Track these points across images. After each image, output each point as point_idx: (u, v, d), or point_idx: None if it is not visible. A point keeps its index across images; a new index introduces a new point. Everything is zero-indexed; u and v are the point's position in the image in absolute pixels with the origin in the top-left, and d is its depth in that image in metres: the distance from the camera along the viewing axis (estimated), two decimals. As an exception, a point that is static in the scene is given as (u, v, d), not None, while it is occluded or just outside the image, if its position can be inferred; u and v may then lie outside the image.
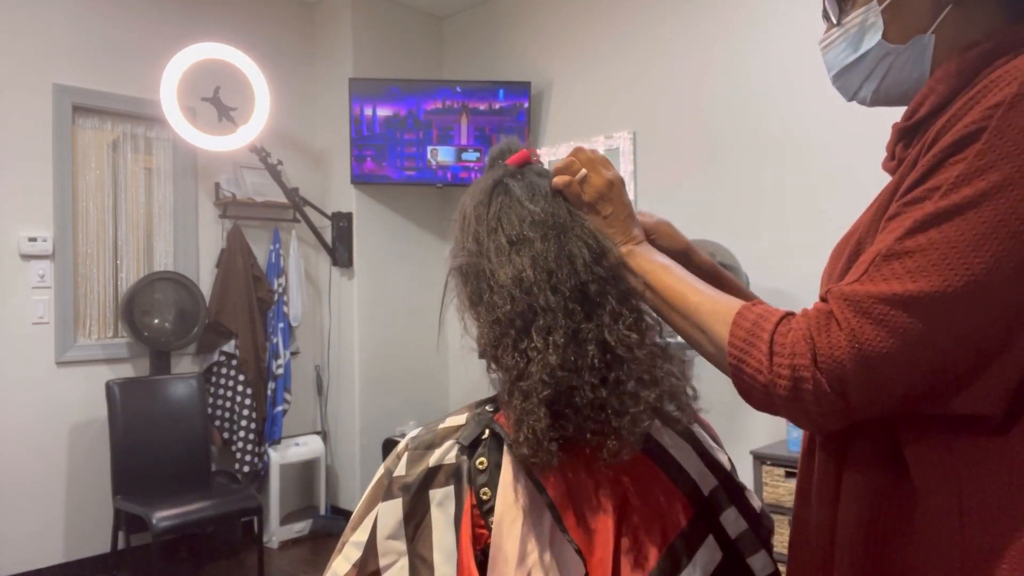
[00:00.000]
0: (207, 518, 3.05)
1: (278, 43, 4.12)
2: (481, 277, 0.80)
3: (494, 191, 0.84)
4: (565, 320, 0.76)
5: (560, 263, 0.78)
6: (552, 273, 0.77)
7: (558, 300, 0.76)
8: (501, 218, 0.81)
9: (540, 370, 0.74)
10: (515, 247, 0.79)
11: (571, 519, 0.75)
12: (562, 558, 0.74)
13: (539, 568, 0.73)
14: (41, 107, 3.32)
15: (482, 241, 0.81)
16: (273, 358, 3.91)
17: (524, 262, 0.78)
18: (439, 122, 3.90)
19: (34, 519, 3.26)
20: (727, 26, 3.22)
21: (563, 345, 0.75)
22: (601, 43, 3.68)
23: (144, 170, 3.71)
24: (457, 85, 3.93)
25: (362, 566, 0.77)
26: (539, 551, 0.73)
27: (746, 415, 3.12)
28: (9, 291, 3.22)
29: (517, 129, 3.85)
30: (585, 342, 0.76)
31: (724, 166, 3.22)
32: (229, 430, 3.73)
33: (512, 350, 0.76)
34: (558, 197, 0.84)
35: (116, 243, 3.60)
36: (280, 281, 3.97)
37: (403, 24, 4.29)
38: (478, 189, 0.86)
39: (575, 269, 0.78)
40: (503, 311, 0.77)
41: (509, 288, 0.77)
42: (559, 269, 0.77)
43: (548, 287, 0.76)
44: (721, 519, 0.82)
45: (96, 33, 3.48)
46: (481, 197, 0.84)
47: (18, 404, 3.23)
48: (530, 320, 0.76)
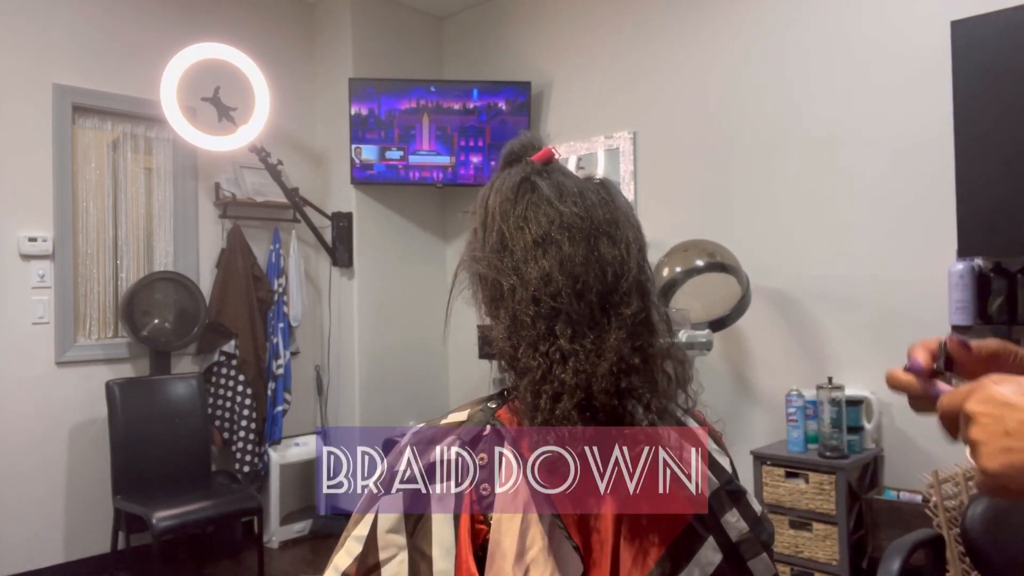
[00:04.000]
0: (207, 518, 3.05)
1: (278, 43, 4.12)
2: (504, 275, 0.79)
3: (520, 188, 0.82)
4: (589, 325, 0.76)
5: (588, 268, 0.77)
6: (578, 278, 0.76)
7: (583, 305, 0.76)
8: (528, 216, 0.79)
9: (571, 375, 0.74)
10: (542, 247, 0.77)
11: (570, 517, 0.76)
12: (560, 555, 0.74)
13: (537, 565, 0.73)
14: (41, 107, 3.32)
15: (507, 239, 0.80)
16: (273, 358, 3.91)
17: (551, 264, 0.77)
18: (451, 122, 3.90)
19: (34, 519, 3.26)
20: (727, 26, 3.22)
21: (590, 350, 0.75)
22: (601, 43, 3.68)
23: (144, 170, 3.71)
24: (468, 85, 3.93)
25: (362, 560, 0.77)
26: (537, 548, 0.74)
27: (745, 415, 3.12)
28: (9, 291, 3.22)
29: (517, 130, 3.85)
30: (608, 350, 0.75)
31: (724, 166, 3.22)
32: (229, 430, 3.73)
33: (534, 352, 0.76)
34: (588, 198, 0.81)
35: (116, 243, 3.60)
36: (280, 281, 3.97)
37: (403, 24, 4.29)
38: (504, 186, 0.83)
39: (603, 276, 0.77)
40: (528, 312, 0.76)
41: (534, 289, 0.76)
42: (586, 274, 0.76)
43: (574, 292, 0.76)
44: (722, 521, 0.81)
45: (96, 33, 3.48)
46: (508, 194, 0.82)
47: (18, 404, 3.23)
48: (553, 323, 0.76)
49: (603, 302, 0.77)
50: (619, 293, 0.77)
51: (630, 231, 0.81)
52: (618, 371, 0.75)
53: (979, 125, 2.36)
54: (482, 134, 3.90)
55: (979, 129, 2.36)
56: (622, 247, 0.79)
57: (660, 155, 3.45)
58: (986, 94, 2.35)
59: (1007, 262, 2.39)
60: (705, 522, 0.80)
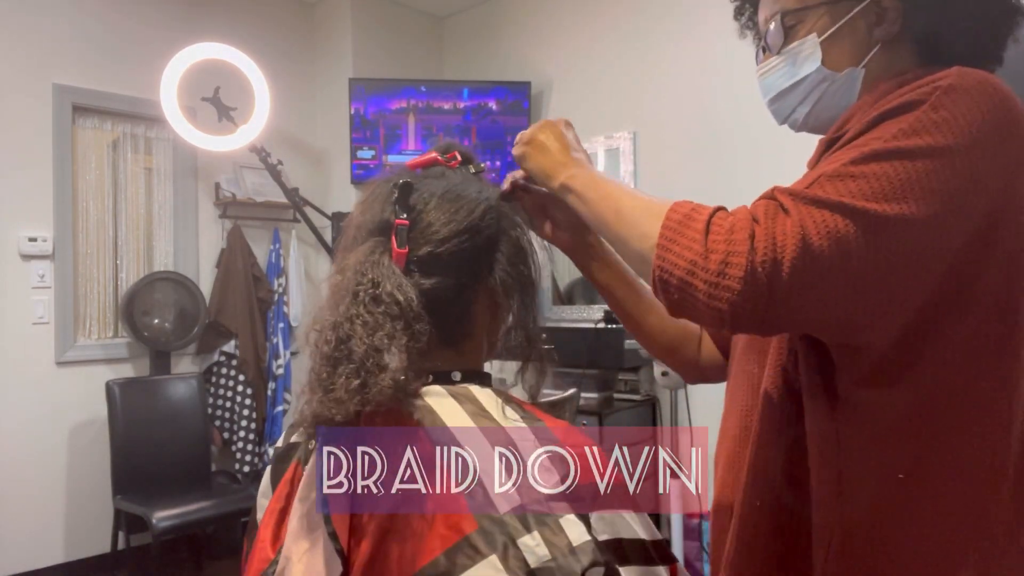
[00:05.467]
0: (207, 518, 3.05)
1: (278, 43, 4.12)
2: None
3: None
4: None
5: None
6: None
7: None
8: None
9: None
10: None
11: (341, 516, 0.76)
12: (325, 551, 0.75)
13: (295, 559, 0.76)
14: (41, 107, 3.32)
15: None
16: (273, 358, 3.91)
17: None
18: (438, 122, 3.90)
19: (34, 519, 3.26)
20: (727, 26, 3.22)
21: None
22: (601, 43, 3.68)
23: (144, 170, 3.71)
24: (458, 85, 3.93)
25: (251, 521, 0.89)
26: (301, 538, 0.77)
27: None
28: (9, 291, 3.22)
29: (507, 129, 3.85)
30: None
31: (724, 166, 3.22)
32: (229, 430, 3.73)
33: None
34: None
35: (116, 243, 3.60)
36: (280, 281, 3.97)
37: (403, 24, 4.29)
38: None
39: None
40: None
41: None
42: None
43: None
44: (519, 543, 0.70)
45: (96, 33, 3.48)
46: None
47: (18, 404, 3.22)
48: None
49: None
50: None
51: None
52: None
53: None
54: (468, 133, 3.90)
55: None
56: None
57: (660, 155, 3.45)
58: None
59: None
60: (489, 540, 0.70)
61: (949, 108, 0.68)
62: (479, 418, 0.78)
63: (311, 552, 0.75)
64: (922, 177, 0.64)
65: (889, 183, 0.64)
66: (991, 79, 0.71)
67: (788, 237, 0.62)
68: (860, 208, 0.63)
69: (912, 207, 0.64)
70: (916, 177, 0.64)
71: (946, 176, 0.65)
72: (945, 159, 0.65)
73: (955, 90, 0.69)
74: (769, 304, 0.63)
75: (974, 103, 0.68)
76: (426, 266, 0.82)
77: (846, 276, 0.63)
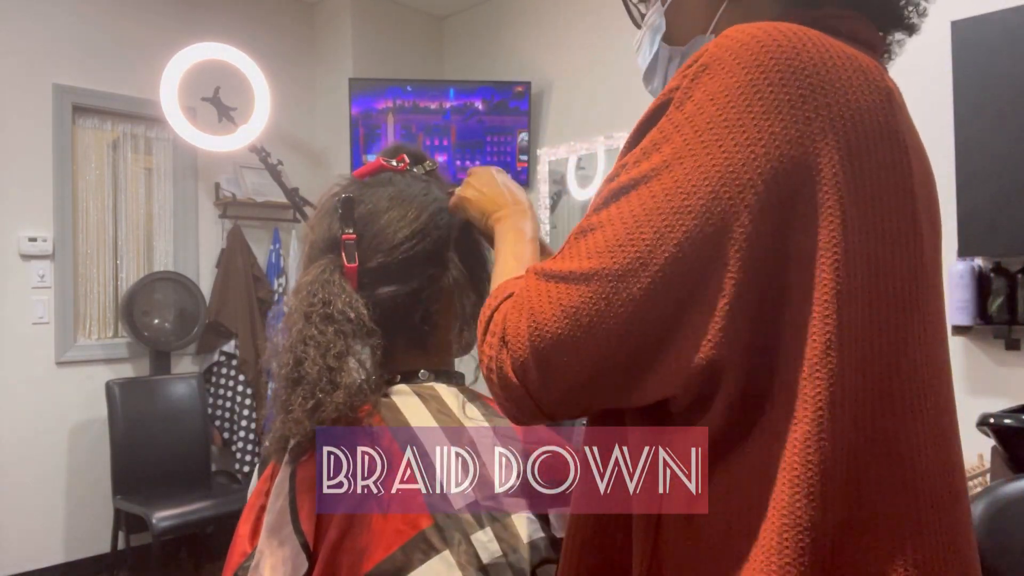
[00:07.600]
0: (207, 518, 3.05)
1: (278, 43, 4.12)
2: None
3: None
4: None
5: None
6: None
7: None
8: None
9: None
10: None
11: (307, 510, 0.76)
12: (292, 548, 0.76)
13: (267, 553, 0.76)
14: (41, 107, 3.31)
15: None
16: (273, 358, 3.91)
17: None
18: (419, 122, 3.90)
19: (34, 519, 3.26)
20: (727, 26, 3.22)
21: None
22: (601, 43, 3.68)
23: (144, 170, 3.71)
24: (445, 85, 3.93)
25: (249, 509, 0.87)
26: (273, 534, 0.77)
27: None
28: (9, 291, 3.22)
29: (502, 128, 3.85)
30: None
31: (724, 166, 3.21)
32: (229, 430, 3.73)
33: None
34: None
35: (116, 243, 3.60)
36: (280, 281, 3.97)
37: (403, 24, 4.29)
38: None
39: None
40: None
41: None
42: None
43: None
44: (472, 538, 0.73)
45: (96, 33, 3.48)
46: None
47: (18, 404, 3.22)
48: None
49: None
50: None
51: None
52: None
53: (979, 125, 2.36)
54: (447, 133, 3.89)
55: (979, 129, 2.36)
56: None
57: (660, 155, 3.45)
58: (986, 94, 2.35)
59: (1007, 262, 2.39)
60: (446, 536, 0.72)
61: (697, 98, 0.55)
62: (441, 416, 0.79)
63: (281, 548, 0.77)
64: (657, 205, 0.54)
65: (624, 227, 0.54)
66: (763, 32, 0.55)
67: (523, 332, 0.56)
68: (587, 273, 0.55)
69: (645, 247, 0.53)
70: (652, 207, 0.54)
71: (681, 195, 0.53)
72: (675, 173, 0.54)
73: (708, 69, 0.55)
74: (538, 403, 0.58)
75: (729, 79, 0.54)
76: (380, 276, 0.82)
77: (595, 346, 0.54)
